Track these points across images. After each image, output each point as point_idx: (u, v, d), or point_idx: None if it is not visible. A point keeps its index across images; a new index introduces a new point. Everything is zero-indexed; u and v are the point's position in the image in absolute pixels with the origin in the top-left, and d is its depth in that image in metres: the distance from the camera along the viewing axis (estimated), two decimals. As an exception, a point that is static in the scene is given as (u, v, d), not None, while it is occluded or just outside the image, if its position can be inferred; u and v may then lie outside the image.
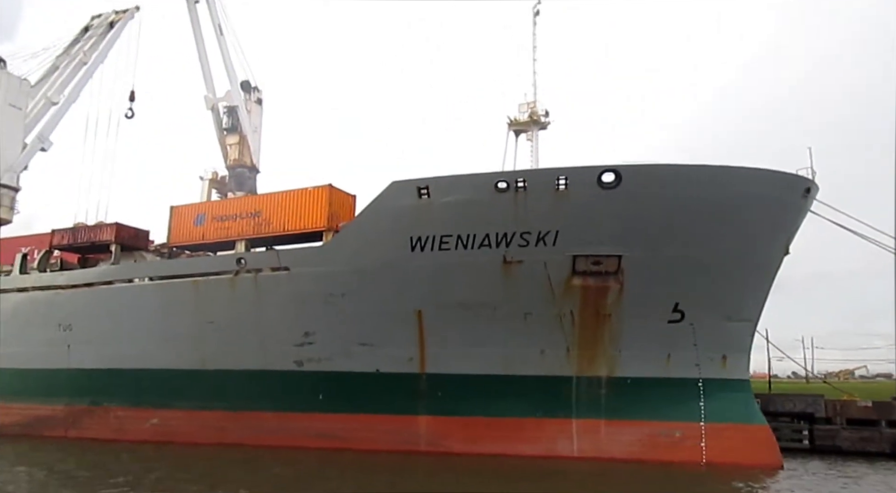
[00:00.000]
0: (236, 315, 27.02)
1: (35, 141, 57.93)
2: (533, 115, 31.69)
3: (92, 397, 29.38)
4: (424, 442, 25.78)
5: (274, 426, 26.82)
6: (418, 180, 23.97)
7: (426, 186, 23.83)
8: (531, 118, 31.78)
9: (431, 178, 23.90)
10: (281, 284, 26.34)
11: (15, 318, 31.29)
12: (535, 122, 31.81)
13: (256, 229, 28.15)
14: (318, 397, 26.77)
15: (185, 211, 30.43)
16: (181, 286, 27.86)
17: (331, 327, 26.16)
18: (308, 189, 27.32)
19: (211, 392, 27.60)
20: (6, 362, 31.11)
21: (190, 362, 27.76)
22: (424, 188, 23.88)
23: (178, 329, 27.89)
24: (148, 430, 28.20)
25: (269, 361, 26.91)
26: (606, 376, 25.45)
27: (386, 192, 24.50)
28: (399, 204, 24.25)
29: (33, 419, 30.09)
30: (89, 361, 29.42)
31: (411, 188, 23.98)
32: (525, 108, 31.80)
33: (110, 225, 30.50)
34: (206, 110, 41.66)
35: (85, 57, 60.35)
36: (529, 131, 32.12)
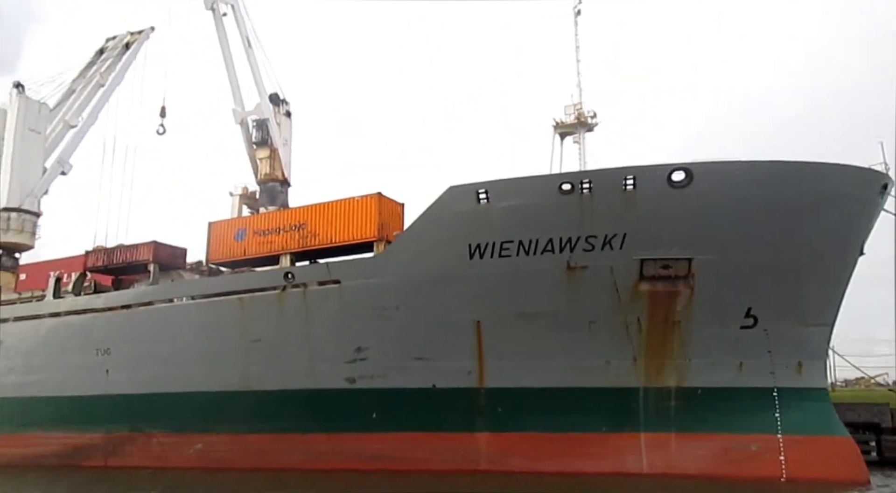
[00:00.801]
0: (284, 332, 26.41)
1: (55, 165, 58.17)
2: (580, 116, 31.21)
3: (132, 424, 28.72)
4: (485, 461, 25.05)
5: (324, 449, 26.10)
6: (476, 184, 23.50)
7: (485, 190, 23.36)
8: (578, 120, 31.28)
9: (490, 181, 23.43)
10: (331, 298, 25.76)
11: (50, 343, 30.79)
12: (582, 123, 31.33)
13: (301, 242, 27.69)
14: (372, 416, 26.11)
15: (224, 226, 30.02)
16: (225, 304, 27.30)
17: (384, 341, 25.52)
18: (355, 199, 26.89)
19: (257, 415, 26.97)
20: (41, 390, 30.56)
21: (235, 384, 27.14)
22: (483, 192, 23.40)
23: (222, 349, 27.29)
24: (192, 456, 27.45)
25: (319, 379, 26.22)
26: (675, 387, 24.65)
27: (442, 197, 24.01)
28: (456, 210, 23.76)
29: (71, 448, 29.42)
30: (129, 386, 28.80)
31: (469, 193, 23.48)
32: (571, 109, 31.33)
33: (147, 244, 30.06)
34: (234, 125, 41.33)
35: (101, 79, 60.82)
36: (576, 134, 31.60)
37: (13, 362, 31.83)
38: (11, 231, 53.42)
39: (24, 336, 31.76)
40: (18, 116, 55.89)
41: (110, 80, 60.91)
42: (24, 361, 31.44)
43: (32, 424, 30.59)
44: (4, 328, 32.38)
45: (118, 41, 62.37)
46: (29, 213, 55.00)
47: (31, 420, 30.67)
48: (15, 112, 56.06)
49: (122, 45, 61.88)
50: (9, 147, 55.37)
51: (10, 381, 31.71)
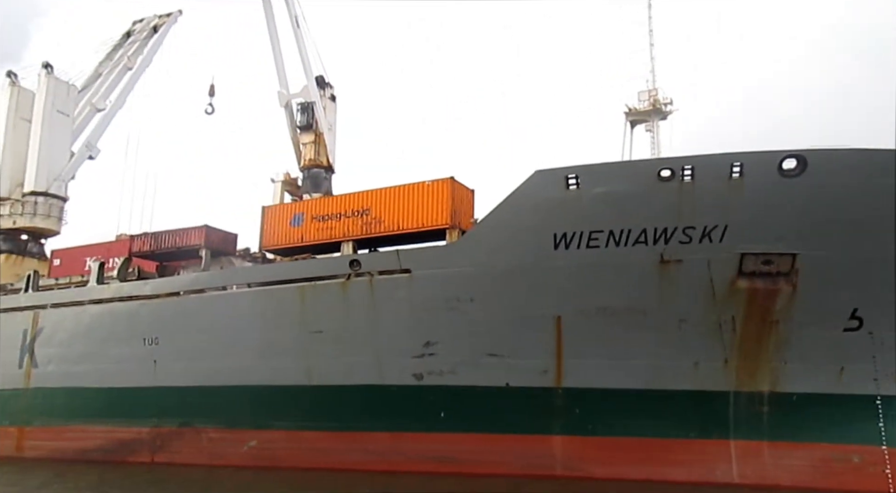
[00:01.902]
0: (348, 324, 25.47)
1: (83, 149, 57.59)
2: (655, 103, 29.96)
3: (182, 418, 27.80)
4: (560, 466, 24.09)
5: (388, 448, 25.17)
6: (566, 168, 22.43)
7: (575, 175, 22.24)
8: (653, 106, 30.04)
9: (581, 166, 22.31)
10: (400, 288, 24.72)
11: (94, 332, 29.92)
12: (657, 110, 30.08)
13: (365, 229, 26.68)
14: (439, 414, 25.16)
15: (279, 211, 29.08)
16: (284, 293, 26.34)
17: (456, 335, 24.51)
18: (426, 183, 25.86)
19: (317, 411, 26.08)
20: (84, 381, 29.74)
21: (293, 378, 26.18)
22: (573, 177, 22.29)
23: (281, 341, 26.32)
24: (245, 454, 26.53)
25: (385, 374, 25.22)
26: (769, 392, 23.51)
27: (527, 182, 22.91)
28: (542, 196, 22.69)
29: (116, 443, 28.57)
30: (179, 377, 27.88)
31: (558, 178, 22.38)
32: (645, 96, 30.08)
33: (199, 228, 29.15)
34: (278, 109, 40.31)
35: (129, 62, 60.21)
36: (649, 121, 30.37)
37: (53, 350, 31.03)
38: (38, 216, 52.89)
39: (65, 324, 30.96)
40: (47, 98, 55.32)
41: (138, 63, 60.33)
42: (65, 350, 30.61)
43: (74, 416, 29.82)
44: (44, 315, 31.47)
45: (145, 24, 61.86)
46: (56, 197, 54.48)
47: (72, 413, 29.90)
48: (43, 93, 55.50)
49: (150, 28, 61.35)
50: (37, 129, 54.83)
51: (49, 370, 30.90)
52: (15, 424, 31.26)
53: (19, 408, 31.26)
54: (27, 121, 55.66)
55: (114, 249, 36.46)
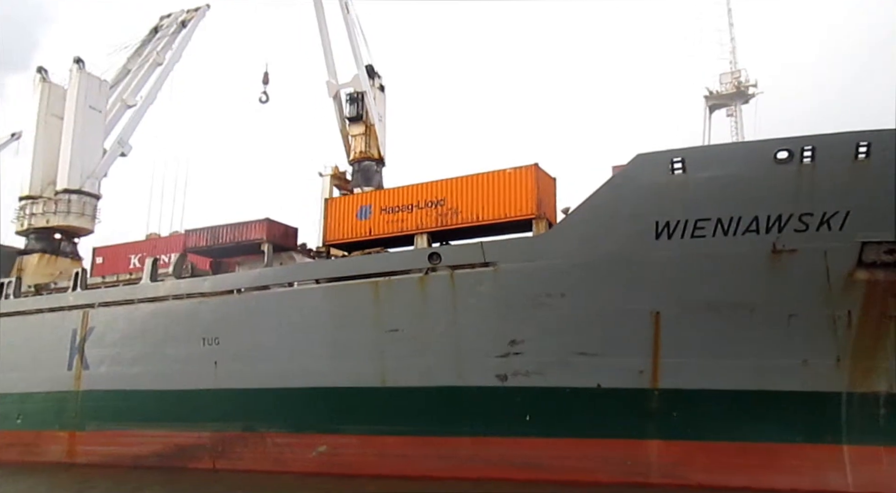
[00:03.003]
0: (426, 321, 24.28)
1: (115, 146, 56.91)
2: (739, 85, 28.42)
3: (245, 422, 26.67)
4: (656, 472, 22.86)
5: (469, 454, 24.01)
6: (670, 152, 21.12)
7: (681, 158, 20.93)
8: (737, 89, 28.48)
9: (688, 149, 21.06)
10: (484, 282, 23.51)
11: (148, 332, 28.92)
12: (740, 93, 28.53)
13: (440, 220, 25.45)
14: (525, 418, 23.95)
15: (344, 203, 27.98)
16: (357, 289, 25.18)
17: (544, 333, 23.30)
18: (508, 171, 24.64)
19: (392, 414, 24.92)
20: (139, 383, 28.75)
21: (366, 379, 25.04)
22: (678, 161, 21.00)
23: (353, 340, 25.18)
24: (314, 460, 25.37)
25: (466, 375, 24.04)
26: (886, 393, 22.12)
27: (628, 167, 21.62)
28: (644, 182, 21.40)
29: (174, 448, 27.47)
30: (241, 379, 26.78)
31: (662, 162, 21.07)
32: (728, 78, 28.53)
33: (260, 222, 28.03)
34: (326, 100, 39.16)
35: (158, 57, 59.57)
36: (730, 105, 28.85)
37: (105, 351, 30.04)
38: (72, 214, 52.15)
39: (117, 323, 29.98)
40: (79, 93, 54.62)
41: (167, 58, 59.63)
42: (117, 350, 29.62)
43: (129, 420, 28.82)
44: (93, 314, 30.39)
45: (173, 19, 61.26)
46: (90, 195, 53.69)
47: (127, 416, 28.90)
48: (75, 88, 54.82)
49: (178, 23, 60.67)
50: (69, 125, 54.16)
51: (101, 372, 29.87)
52: (66, 428, 30.28)
53: (70, 412, 30.29)
54: (58, 117, 55.00)
55: (159, 245, 35.52)
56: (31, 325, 32.52)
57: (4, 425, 31.99)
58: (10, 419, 31.78)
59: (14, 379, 32.27)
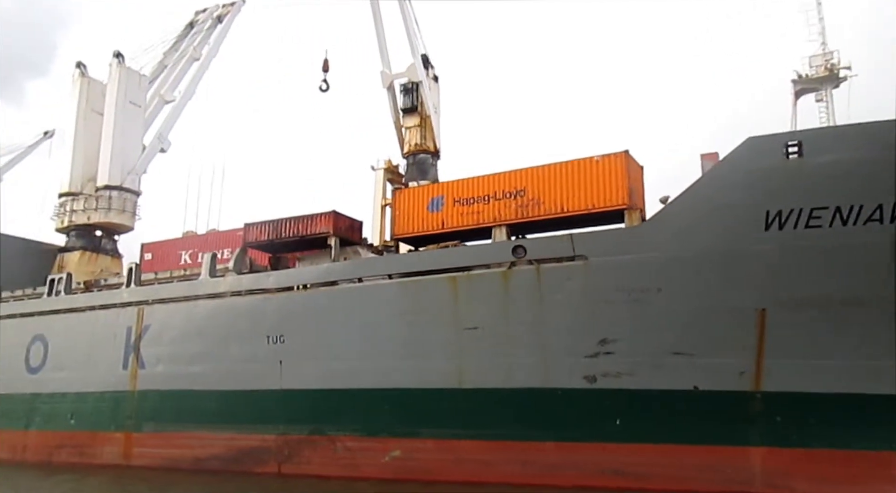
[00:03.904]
0: (509, 319, 23.13)
1: (154, 141, 56.55)
2: (831, 68, 26.86)
3: (313, 425, 25.72)
4: (759, 482, 21.55)
5: (554, 461, 22.82)
6: (785, 134, 19.74)
7: (797, 141, 19.52)
8: (829, 72, 26.91)
9: (804, 131, 19.64)
10: (574, 277, 22.28)
11: (208, 329, 28.06)
12: (832, 77, 26.97)
13: (520, 212, 24.23)
14: (615, 422, 22.69)
15: (414, 195, 26.91)
16: (433, 284, 24.09)
17: (637, 331, 22.07)
18: (595, 159, 23.39)
19: (471, 417, 23.83)
20: (199, 383, 27.88)
21: (443, 380, 24.00)
22: (794, 145, 19.56)
23: (428, 338, 24.13)
24: (387, 465, 24.30)
25: (551, 376, 22.85)
26: None
27: (736, 152, 20.32)
28: (754, 167, 20.10)
29: (237, 451, 26.53)
30: (308, 379, 25.80)
31: (775, 145, 19.78)
32: (819, 60, 26.99)
33: (326, 214, 27.10)
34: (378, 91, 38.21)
35: (195, 53, 59.20)
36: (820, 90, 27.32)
37: (162, 349, 29.20)
38: (113, 211, 51.79)
39: (175, 321, 29.16)
40: (119, 88, 54.29)
41: (204, 53, 59.21)
42: (175, 349, 28.78)
43: (188, 421, 27.98)
44: (149, 311, 29.57)
45: (208, 14, 60.78)
46: (130, 192, 53.28)
47: (187, 417, 28.06)
48: (115, 83, 54.51)
49: (214, 18, 60.27)
50: (109, 120, 53.86)
51: (159, 371, 29.05)
52: (121, 429, 29.49)
53: (126, 412, 29.53)
54: (98, 113, 54.70)
55: (211, 240, 34.70)
56: (84, 322, 31.84)
57: (57, 425, 31.34)
58: (63, 420, 31.10)
59: (66, 378, 31.63)
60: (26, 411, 32.43)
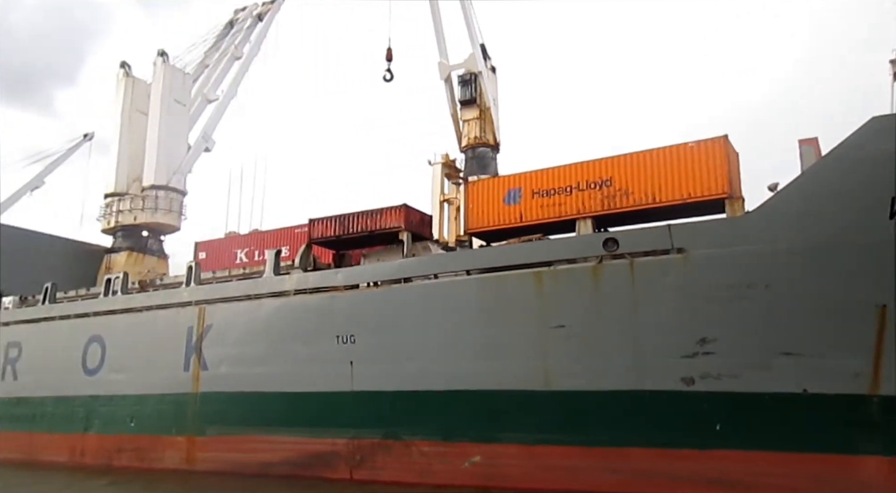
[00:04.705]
0: (599, 316, 21.97)
1: (199, 140, 56.40)
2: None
3: (386, 429, 24.76)
4: None
5: (648, 468, 21.60)
6: (915, 114, 18.01)
7: (934, 118, 17.87)
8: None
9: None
10: (672, 272, 21.05)
11: (274, 329, 27.28)
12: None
13: (606, 203, 23.00)
14: (714, 427, 21.32)
15: (488, 187, 25.97)
16: (516, 280, 23.07)
17: (741, 330, 20.83)
18: (690, 145, 22.21)
19: (557, 421, 22.73)
20: (265, 385, 27.15)
21: (527, 382, 22.93)
22: (926, 124, 17.91)
23: (511, 337, 23.09)
24: (466, 471, 23.29)
25: (645, 378, 21.69)
26: None
27: (859, 134, 18.78)
28: (880, 149, 18.55)
29: (307, 456, 25.70)
30: (381, 381, 24.91)
31: (905, 125, 18.06)
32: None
33: (397, 208, 26.24)
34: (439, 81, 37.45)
35: (236, 51, 59.11)
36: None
37: (225, 350, 28.52)
38: (160, 211, 51.71)
39: (238, 320, 28.46)
40: (164, 87, 54.26)
41: (246, 52, 59.11)
42: (239, 349, 28.10)
43: (254, 425, 27.27)
44: (210, 311, 28.94)
45: (248, 13, 60.77)
46: (176, 191, 53.17)
47: (252, 421, 27.37)
48: (160, 82, 54.53)
49: (254, 17, 60.21)
50: (154, 119, 53.88)
51: (222, 373, 28.35)
52: (183, 433, 28.86)
53: (188, 415, 28.85)
54: (142, 113, 54.75)
55: (267, 238, 34.19)
56: (142, 323, 31.36)
57: (116, 428, 30.86)
58: (123, 423, 30.61)
59: (125, 380, 31.15)
60: (84, 413, 32.07)
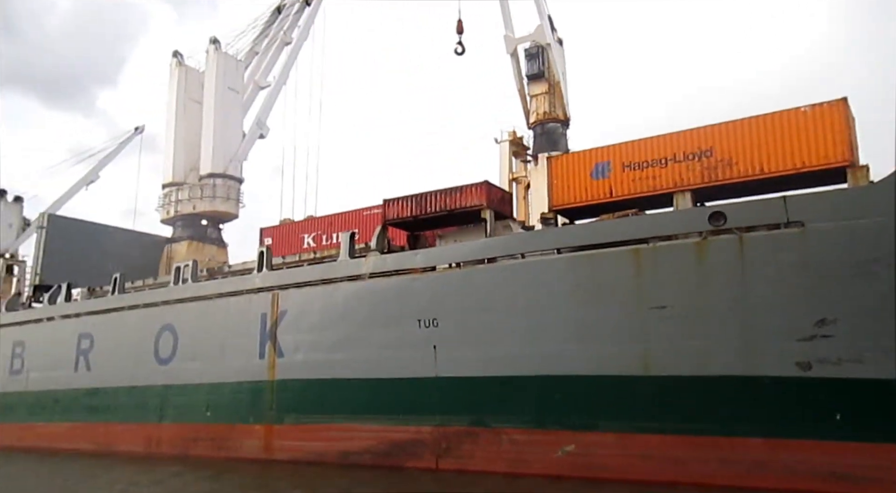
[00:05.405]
0: (704, 296, 20.85)
1: (254, 127, 56.45)
2: None
3: (473, 416, 24.05)
4: None
5: (761, 459, 20.37)
6: None
7: None
8: None
9: None
10: (787, 248, 19.73)
11: (351, 314, 26.81)
12: None
13: (708, 175, 21.73)
14: (834, 416, 19.87)
15: (573, 161, 24.99)
16: (612, 258, 22.01)
17: (866, 311, 19.37)
18: (803, 109, 20.71)
19: (658, 408, 21.67)
20: (344, 371, 26.71)
21: (625, 366, 21.91)
22: None
23: (606, 319, 22.08)
24: (560, 461, 22.42)
25: (756, 362, 20.44)
26: None
27: None
28: None
29: (389, 444, 25.13)
30: (466, 366, 24.14)
31: None
32: None
33: (479, 185, 25.39)
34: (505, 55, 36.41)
35: (286, 37, 58.99)
36: None
37: (301, 336, 28.12)
38: (218, 199, 51.96)
39: (313, 305, 28.07)
40: (218, 74, 54.39)
41: (295, 37, 58.90)
42: (316, 336, 27.69)
43: (333, 413, 26.85)
44: (284, 297, 28.59)
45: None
46: (233, 179, 53.40)
47: (332, 408, 26.94)
48: (214, 69, 54.71)
49: (302, 1, 59.82)
50: (209, 107, 54.04)
51: (298, 360, 27.99)
52: (261, 421, 28.62)
53: (265, 404, 28.61)
54: (196, 102, 55.01)
55: (334, 221, 33.69)
56: (214, 310, 31.21)
57: (192, 417, 30.82)
58: (198, 412, 30.55)
59: (198, 369, 31.08)
60: (159, 403, 32.16)
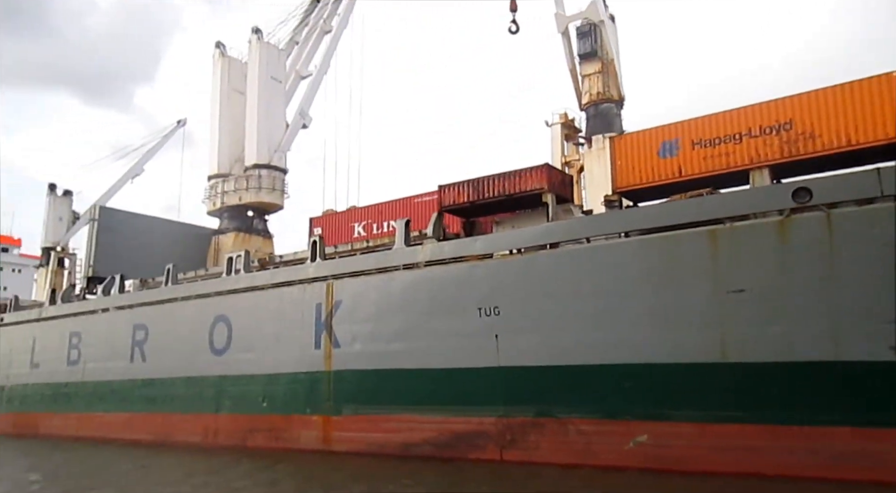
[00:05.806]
0: (788, 278, 19.65)
1: (297, 117, 56.29)
2: None
3: (538, 406, 23.35)
4: None
5: (851, 449, 19.30)
6: None
7: None
8: None
9: None
10: (879, 223, 18.57)
11: (409, 303, 26.26)
12: None
13: (788, 149, 20.50)
14: (934, 404, 18.36)
15: (637, 140, 24.13)
16: (686, 240, 20.97)
17: None
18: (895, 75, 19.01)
19: (738, 397, 20.68)
20: (402, 361, 26.23)
21: (700, 353, 20.94)
22: None
23: (680, 304, 21.16)
24: (632, 452, 21.58)
25: (845, 347, 19.35)
26: None
27: None
28: None
29: (451, 435, 24.66)
30: (531, 355, 23.45)
31: None
32: None
33: (539, 168, 24.60)
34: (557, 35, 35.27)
35: (325, 25, 58.50)
36: None
37: (357, 327, 27.76)
38: (263, 190, 52.00)
39: (369, 295, 27.58)
40: (261, 64, 54.32)
41: (335, 25, 58.40)
42: (373, 326, 27.25)
43: (392, 404, 26.39)
44: (338, 286, 28.25)
45: (333, -14, 59.65)
46: (278, 170, 53.39)
47: (391, 399, 26.47)
48: (256, 59, 54.66)
49: (341, -11, 59.08)
50: (253, 98, 54.02)
51: (355, 350, 27.63)
52: (318, 412, 28.41)
53: (322, 394, 28.36)
54: (240, 92, 55.10)
55: (385, 210, 33.23)
56: (268, 301, 31.06)
57: (248, 408, 30.80)
58: (255, 403, 30.51)
59: (254, 360, 31.02)
60: (215, 393, 32.24)
